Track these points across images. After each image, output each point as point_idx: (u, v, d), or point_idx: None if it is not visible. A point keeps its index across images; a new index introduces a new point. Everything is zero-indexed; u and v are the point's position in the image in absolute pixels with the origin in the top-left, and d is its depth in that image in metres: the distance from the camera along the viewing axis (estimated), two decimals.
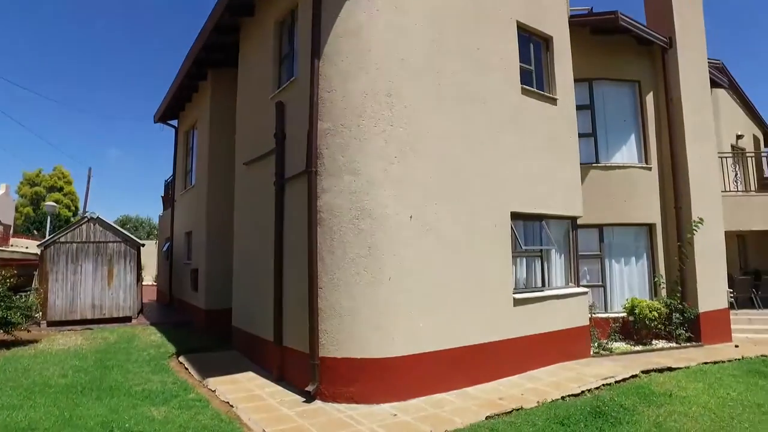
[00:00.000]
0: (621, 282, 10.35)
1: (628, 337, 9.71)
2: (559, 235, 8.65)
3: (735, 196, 12.72)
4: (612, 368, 7.72)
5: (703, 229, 10.15)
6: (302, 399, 6.18)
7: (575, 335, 8.33)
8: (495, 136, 7.54)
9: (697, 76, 10.87)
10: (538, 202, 8.01)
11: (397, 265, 6.27)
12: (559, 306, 8.14)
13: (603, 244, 10.30)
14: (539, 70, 8.73)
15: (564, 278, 8.68)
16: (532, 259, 8.16)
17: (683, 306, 9.79)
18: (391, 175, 6.37)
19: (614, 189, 10.29)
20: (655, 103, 10.81)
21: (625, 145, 10.74)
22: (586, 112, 10.62)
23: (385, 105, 6.45)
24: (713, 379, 7.12)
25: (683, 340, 9.66)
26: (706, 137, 10.76)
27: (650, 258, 10.46)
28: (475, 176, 7.19)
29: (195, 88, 12.76)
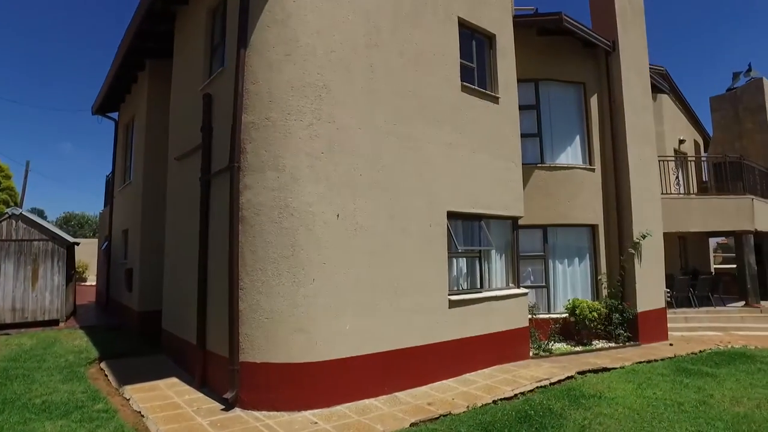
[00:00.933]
0: (564, 283, 10.38)
1: (570, 338, 9.73)
2: (500, 236, 8.56)
3: (676, 199, 13.02)
4: (549, 370, 7.66)
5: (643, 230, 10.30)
6: (222, 407, 5.84)
7: (514, 337, 8.25)
8: (432, 133, 7.37)
9: (638, 80, 11.04)
10: (477, 201, 7.89)
11: (323, 265, 6.00)
12: (498, 307, 8.04)
13: (547, 245, 10.30)
14: (482, 67, 8.62)
15: (504, 279, 8.60)
16: (471, 260, 8.03)
17: (623, 306, 9.89)
18: (318, 171, 6.10)
19: (558, 189, 10.31)
20: (599, 105, 10.91)
21: (570, 146, 10.79)
22: (532, 112, 10.62)
23: (313, 98, 6.17)
24: (643, 379, 7.14)
25: (622, 339, 9.76)
26: (646, 140, 10.94)
27: (593, 259, 10.54)
28: (409, 174, 6.99)
29: (134, 79, 12.16)
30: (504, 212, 8.34)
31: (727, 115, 17.11)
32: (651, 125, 11.20)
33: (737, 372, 7.66)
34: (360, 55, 6.65)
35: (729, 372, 7.65)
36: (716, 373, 7.52)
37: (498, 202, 8.25)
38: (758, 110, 16.15)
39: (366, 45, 6.73)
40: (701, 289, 13.73)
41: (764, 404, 6.06)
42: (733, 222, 13.22)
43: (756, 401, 6.19)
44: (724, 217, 13.14)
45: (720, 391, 6.60)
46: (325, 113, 6.24)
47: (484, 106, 8.27)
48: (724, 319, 12.74)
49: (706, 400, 6.22)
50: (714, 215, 13.07)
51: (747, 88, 16.55)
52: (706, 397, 6.32)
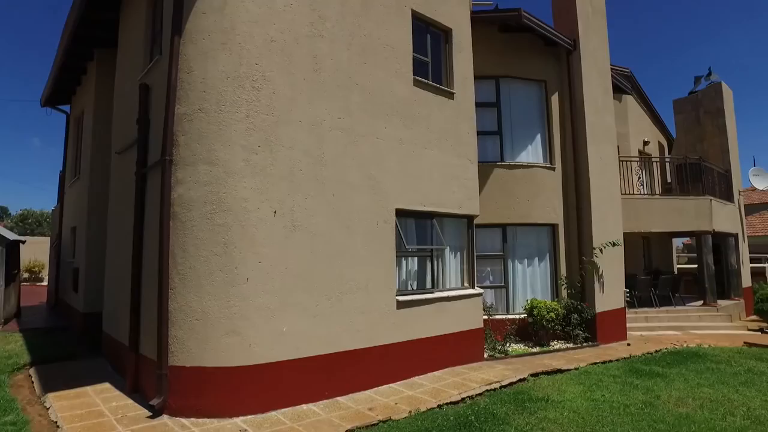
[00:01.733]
0: (524, 283, 10.27)
1: (528, 339, 9.62)
2: (454, 235, 8.38)
3: (638, 199, 13.07)
4: (502, 372, 7.50)
5: (602, 230, 10.26)
6: (149, 414, 5.49)
7: (468, 338, 8.08)
8: (381, 129, 7.13)
9: (600, 79, 11.00)
10: (428, 199, 7.68)
11: (258, 264, 5.71)
12: (451, 308, 7.86)
13: (506, 245, 10.17)
14: (437, 62, 8.43)
15: (459, 279, 8.42)
16: (423, 260, 7.82)
17: (582, 306, 9.81)
18: (254, 165, 5.80)
19: (518, 188, 10.19)
20: (560, 104, 10.84)
21: (530, 144, 10.69)
22: (493, 109, 10.49)
23: (250, 89, 5.87)
24: (594, 381, 7.04)
25: (581, 340, 9.68)
26: (607, 140, 10.91)
27: (553, 259, 10.46)
28: (355, 170, 6.74)
29: (84, 70, 11.63)
30: (458, 210, 8.16)
31: (689, 117, 17.29)
32: (612, 125, 11.18)
33: (687, 372, 7.63)
34: (303, 46, 6.38)
35: (679, 372, 7.61)
36: (667, 374, 7.47)
37: (451, 200, 8.06)
38: (717, 113, 16.35)
39: (309, 35, 6.45)
40: (662, 288, 13.83)
41: (707, 404, 6.00)
42: (692, 222, 13.34)
43: (700, 401, 6.13)
44: (684, 218, 13.25)
45: (667, 392, 6.52)
46: (264, 105, 5.95)
47: (438, 102, 8.08)
48: (683, 318, 12.84)
49: (652, 401, 6.13)
50: (674, 216, 13.17)
51: (707, 91, 16.74)
52: (653, 399, 6.24)
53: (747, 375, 7.45)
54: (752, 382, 7.08)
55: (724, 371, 7.68)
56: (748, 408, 5.89)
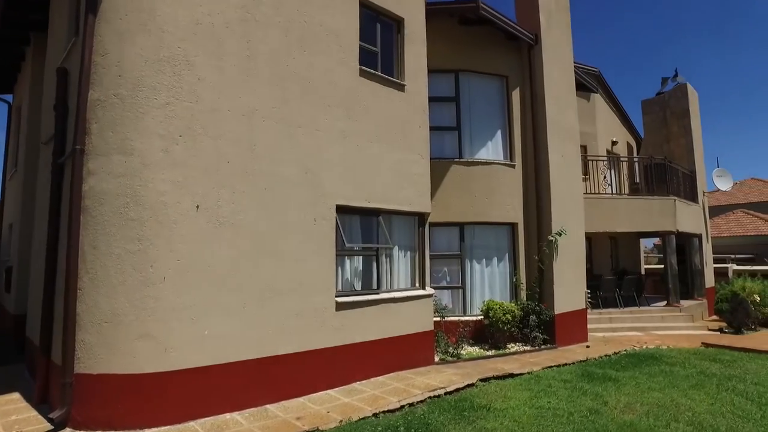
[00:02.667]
0: (482, 283, 9.98)
1: (484, 341, 9.33)
2: (404, 233, 8.04)
3: (602, 199, 12.91)
4: (449, 377, 7.18)
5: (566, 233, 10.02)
6: (49, 428, 5.01)
7: (418, 341, 7.74)
8: (322, 120, 6.75)
9: (562, 75, 10.78)
10: (373, 195, 7.32)
11: (176, 262, 5.27)
12: (399, 310, 7.51)
13: (463, 244, 9.87)
14: (388, 53, 8.07)
15: (409, 279, 8.08)
16: (368, 259, 7.46)
17: (540, 308, 9.56)
18: (174, 156, 5.36)
19: (477, 186, 9.90)
20: (521, 100, 10.58)
21: (490, 140, 10.41)
22: (451, 104, 10.19)
23: (171, 74, 5.43)
24: (543, 386, 6.75)
25: (539, 342, 9.43)
26: (569, 137, 10.69)
27: (512, 258, 10.19)
28: (292, 164, 6.34)
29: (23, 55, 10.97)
30: (407, 208, 7.81)
31: (656, 118, 17.28)
32: (575, 122, 10.97)
33: (640, 375, 7.41)
34: (234, 30, 5.95)
35: (632, 375, 7.38)
36: (619, 378, 7.23)
37: (400, 196, 7.71)
38: (683, 114, 16.35)
39: (241, 19, 6.03)
40: (627, 289, 13.70)
41: (654, 410, 5.76)
42: (657, 222, 13.25)
43: (647, 407, 5.89)
44: (648, 218, 13.15)
45: (616, 398, 6.27)
46: (187, 92, 5.51)
47: (387, 94, 7.72)
48: (646, 319, 12.72)
49: (598, 408, 5.86)
50: (639, 215, 13.05)
51: (673, 92, 16.75)
52: (600, 405, 5.97)
53: (698, 377, 7.26)
54: (702, 384, 6.89)
55: (677, 374, 7.48)
56: (694, 413, 5.66)
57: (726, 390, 6.64)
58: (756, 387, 6.79)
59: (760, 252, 21.63)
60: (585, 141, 16.02)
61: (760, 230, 23.09)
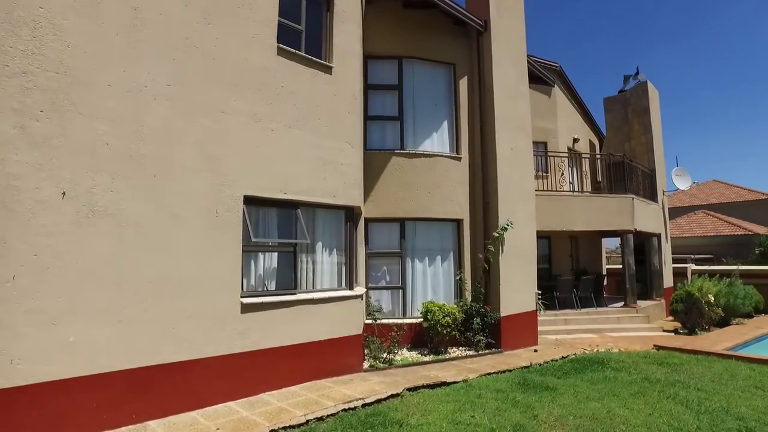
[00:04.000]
0: (424, 284, 9.38)
1: (423, 346, 8.72)
2: (330, 228, 7.38)
3: (560, 196, 12.48)
4: (373, 386, 6.53)
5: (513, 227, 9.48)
6: None
7: (343, 346, 7.08)
8: (230, 102, 6.04)
9: (513, 65, 10.25)
10: (292, 186, 6.64)
11: (32, 258, 4.50)
12: (320, 312, 6.84)
13: (404, 241, 9.26)
14: (315, 32, 7.40)
15: (336, 279, 7.42)
16: (287, 256, 6.77)
17: (485, 310, 9.00)
18: (32, 134, 4.59)
19: (419, 179, 9.30)
20: (469, 90, 10.03)
21: (436, 132, 9.82)
22: (394, 92, 9.58)
23: (30, 38, 4.65)
24: (473, 397, 6.15)
25: (482, 347, 8.85)
26: (520, 130, 10.16)
27: (457, 257, 9.62)
28: (190, 149, 5.62)
29: None
30: (332, 200, 7.15)
31: (618, 116, 17.00)
32: (526, 114, 10.43)
33: (581, 383, 6.88)
34: None
35: (573, 383, 6.85)
36: (559, 386, 6.68)
37: (324, 188, 7.04)
38: (643, 112, 16.08)
39: None
40: (584, 289, 13.29)
41: (586, 424, 5.20)
42: (615, 221, 12.88)
43: (580, 420, 5.33)
44: (606, 216, 12.76)
45: (549, 410, 5.70)
46: (52, 60, 4.75)
47: (311, 76, 7.05)
48: (602, 320, 12.32)
49: (525, 423, 5.27)
50: (597, 214, 12.65)
51: (635, 90, 16.48)
52: (529, 420, 5.39)
53: (641, 384, 6.76)
54: (644, 392, 6.39)
55: (620, 380, 6.98)
56: (628, 426, 5.13)
57: (667, 398, 6.15)
58: (697, 393, 6.32)
59: (719, 252, 21.63)
60: (545, 137, 15.64)
61: (719, 231, 23.15)
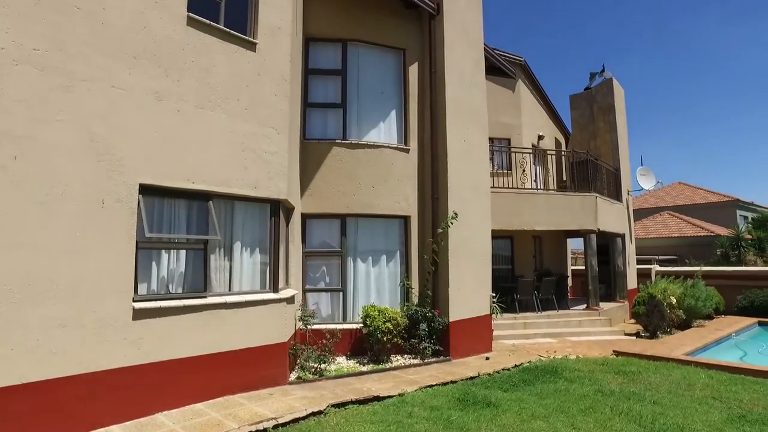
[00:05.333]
0: (367, 286, 8.62)
1: (364, 353, 7.96)
2: (252, 224, 6.56)
3: (520, 194, 11.90)
4: (293, 403, 5.73)
5: (464, 224, 8.81)
6: None
7: (264, 356, 6.26)
8: (123, 75, 5.16)
9: (468, 51, 9.58)
10: (203, 174, 5.80)
11: None
12: (236, 318, 6.02)
13: (345, 239, 8.49)
14: (239, 5, 6.57)
15: (259, 280, 6.60)
16: (197, 254, 5.92)
17: (432, 314, 8.28)
18: None
19: (362, 172, 8.54)
20: (420, 77, 9.32)
21: (382, 121, 9.08)
22: (337, 78, 8.81)
23: None
24: (402, 416, 5.41)
25: (429, 354, 8.13)
26: (475, 122, 9.49)
27: (404, 257, 8.89)
28: (68, 127, 4.72)
29: None
30: (253, 192, 6.33)
31: (584, 114, 16.61)
32: (482, 105, 9.78)
33: (530, 396, 6.22)
34: None
35: (520, 397, 6.17)
36: (502, 401, 5.98)
37: (243, 178, 6.22)
38: (608, 110, 15.71)
39: None
40: (546, 291, 12.72)
41: None
42: (578, 220, 12.38)
43: None
44: (569, 215, 12.25)
45: None
46: None
47: (230, 52, 6.22)
48: (563, 324, 11.79)
49: None
50: (559, 213, 12.12)
51: (600, 87, 16.12)
52: None
53: (594, 398, 6.13)
54: (596, 407, 5.75)
55: (572, 394, 6.34)
56: None
57: (619, 414, 5.53)
58: (653, 408, 5.72)
59: (683, 253, 21.52)
60: (509, 134, 15.11)
61: (683, 232, 23.09)
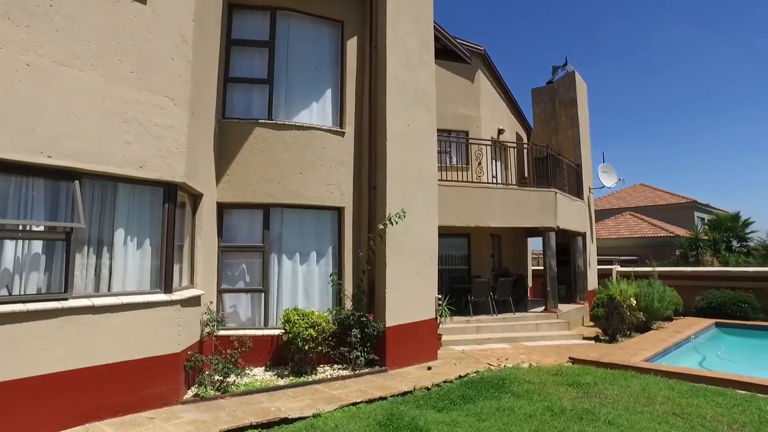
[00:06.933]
0: (294, 286, 7.57)
1: (285, 364, 6.91)
2: (137, 210, 5.43)
3: (475, 188, 11.06)
4: (173, 430, 4.66)
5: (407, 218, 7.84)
6: None
7: (148, 371, 5.15)
8: None
9: (415, 26, 8.63)
10: (68, 148, 4.65)
11: None
12: (111, 324, 4.88)
13: (268, 233, 7.42)
14: None
15: (149, 279, 5.48)
16: (53, 246, 4.75)
17: (366, 319, 7.29)
18: None
19: (289, 157, 7.50)
20: (360, 53, 8.33)
21: (315, 101, 8.05)
22: (264, 51, 7.75)
23: None
24: None
25: (362, 365, 7.14)
26: (421, 105, 8.54)
27: (337, 254, 7.87)
28: None
29: None
30: (137, 172, 5.20)
31: (546, 108, 15.99)
32: (430, 88, 8.84)
33: (467, 417, 5.28)
34: None
35: (455, 419, 5.22)
36: (433, 425, 5.00)
37: (125, 154, 5.09)
38: (570, 104, 15.11)
39: None
40: (501, 293, 11.91)
41: None
42: (536, 217, 11.62)
43: None
44: (527, 212, 11.48)
45: None
46: None
47: (109, 2, 5.08)
48: (520, 327, 10.99)
49: None
50: (517, 209, 11.33)
51: (563, 81, 15.52)
52: None
53: (542, 418, 5.24)
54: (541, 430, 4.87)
55: (517, 413, 5.43)
56: None
57: None
58: (608, 430, 4.88)
59: (644, 253, 21.25)
60: (467, 126, 14.30)
61: (644, 233, 22.91)
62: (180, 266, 6.12)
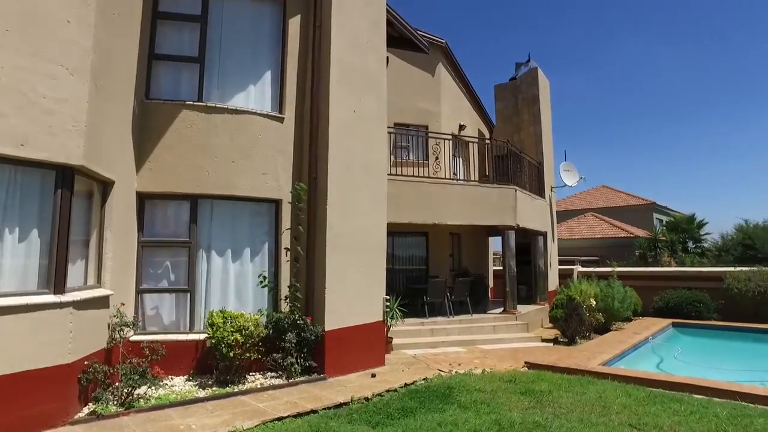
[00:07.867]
0: (224, 286, 6.84)
1: (210, 372, 6.18)
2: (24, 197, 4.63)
3: (431, 183, 10.51)
4: None
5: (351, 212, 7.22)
6: None
7: (29, 386, 4.35)
8: None
9: (365, 7, 8.00)
10: None
11: None
12: None
13: (196, 227, 6.67)
14: None
15: (37, 278, 4.68)
16: None
17: (303, 322, 6.62)
18: None
19: (220, 143, 6.77)
20: (303, 33, 7.67)
21: (253, 84, 7.34)
22: (195, 26, 7.02)
23: None
24: None
25: (298, 372, 6.47)
26: (369, 91, 7.92)
27: (274, 251, 7.18)
28: None
29: None
30: (15, 151, 4.40)
31: (509, 105, 15.65)
32: (380, 74, 8.21)
33: None
34: None
35: None
36: None
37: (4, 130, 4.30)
38: (533, 101, 14.81)
39: None
40: (459, 293, 11.43)
41: None
42: (495, 215, 11.16)
43: None
44: (486, 209, 11.00)
45: None
46: None
47: None
48: (477, 330, 10.52)
49: None
50: (475, 206, 10.84)
51: (525, 78, 15.21)
52: None
53: None
54: None
55: (461, 427, 4.88)
56: None
57: None
58: None
59: (605, 254, 21.28)
60: (426, 120, 13.79)
61: (606, 233, 22.99)
62: (84, 263, 5.35)
